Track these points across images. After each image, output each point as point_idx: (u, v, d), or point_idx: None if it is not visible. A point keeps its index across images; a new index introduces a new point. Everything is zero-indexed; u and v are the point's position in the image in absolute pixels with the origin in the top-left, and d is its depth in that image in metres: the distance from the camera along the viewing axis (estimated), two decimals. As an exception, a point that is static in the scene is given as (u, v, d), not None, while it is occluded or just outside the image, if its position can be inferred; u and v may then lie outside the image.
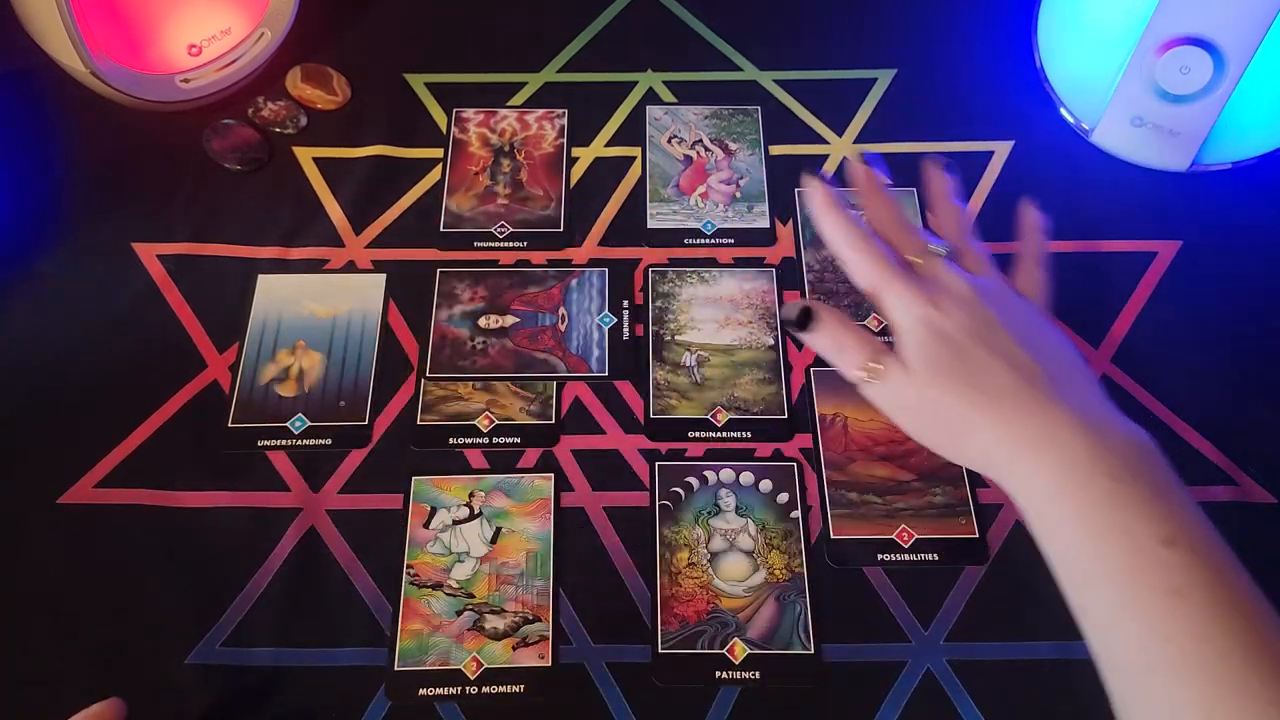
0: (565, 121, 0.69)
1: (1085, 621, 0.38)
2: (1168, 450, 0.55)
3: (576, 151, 0.68)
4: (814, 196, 0.46)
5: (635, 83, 0.71)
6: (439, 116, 0.70)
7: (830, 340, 0.45)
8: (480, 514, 0.54)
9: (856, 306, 0.61)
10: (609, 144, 0.68)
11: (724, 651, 0.50)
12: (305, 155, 0.67)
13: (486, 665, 0.50)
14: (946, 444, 0.43)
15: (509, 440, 0.56)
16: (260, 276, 0.62)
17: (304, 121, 0.68)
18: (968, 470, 0.55)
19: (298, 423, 0.57)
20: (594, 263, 0.63)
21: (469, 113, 0.70)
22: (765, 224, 0.65)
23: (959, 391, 0.41)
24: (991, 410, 0.41)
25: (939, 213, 0.50)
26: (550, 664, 0.50)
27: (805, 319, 0.45)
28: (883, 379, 0.43)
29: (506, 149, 0.68)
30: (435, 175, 0.67)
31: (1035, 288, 0.48)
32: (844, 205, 0.46)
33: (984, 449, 0.41)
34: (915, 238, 0.47)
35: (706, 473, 0.55)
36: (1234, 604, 0.35)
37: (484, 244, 0.64)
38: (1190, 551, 0.36)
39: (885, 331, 0.60)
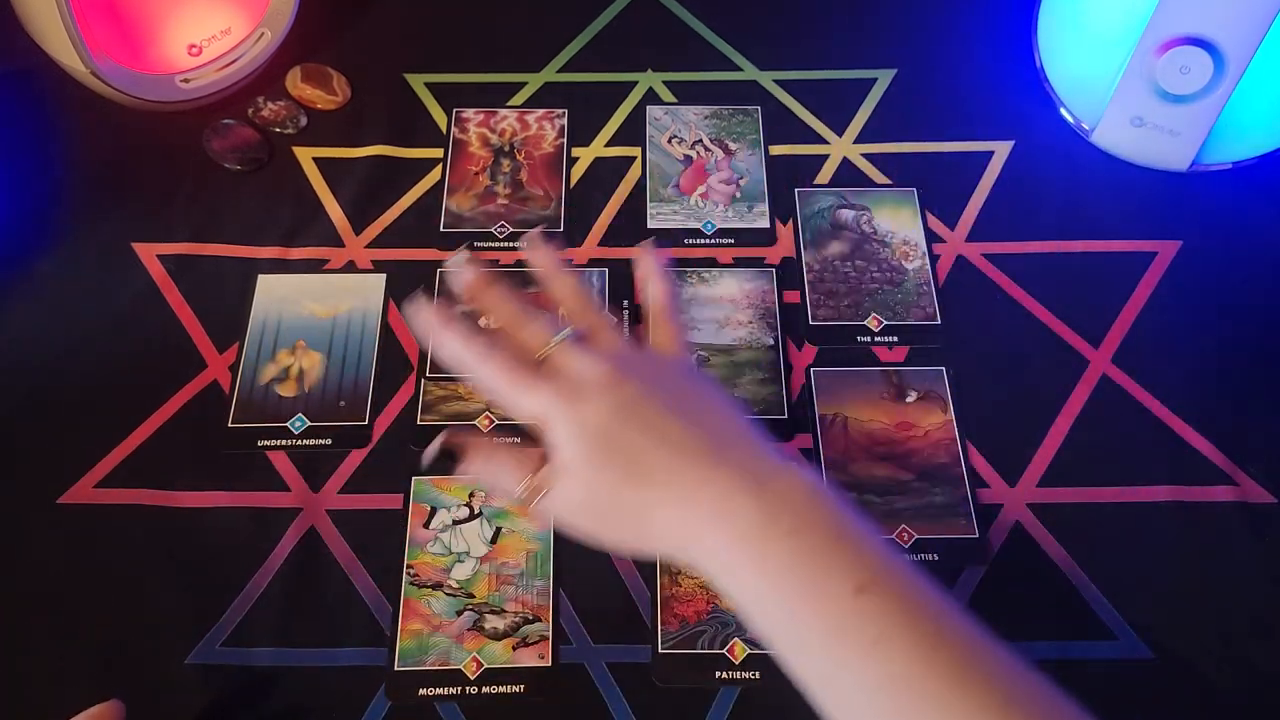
0: (565, 121, 0.69)
1: (807, 683, 0.36)
2: (1168, 450, 0.56)
3: (576, 151, 0.68)
4: (425, 316, 0.44)
5: (635, 83, 0.71)
6: (439, 116, 0.70)
7: (482, 468, 0.42)
8: (480, 514, 0.54)
9: (856, 306, 0.61)
10: (609, 144, 0.68)
11: (724, 651, 0.50)
12: (305, 155, 0.67)
13: (486, 665, 0.50)
14: (633, 538, 0.40)
15: (509, 440, 0.56)
16: (260, 276, 0.62)
17: (304, 121, 0.68)
18: (968, 470, 0.55)
19: (298, 423, 0.57)
20: (594, 263, 0.63)
21: (469, 113, 0.70)
22: (765, 224, 0.65)
23: (622, 480, 0.39)
24: (659, 491, 0.38)
25: (553, 291, 0.46)
26: (550, 664, 0.50)
27: (448, 457, 0.42)
28: (548, 489, 0.40)
29: (506, 149, 0.68)
30: (435, 175, 0.67)
31: (670, 340, 0.45)
32: (455, 321, 0.43)
33: (664, 533, 0.39)
34: (538, 332, 0.43)
35: (706, 473, 0.55)
36: (936, 640, 0.35)
37: (484, 244, 0.64)
38: (883, 595, 0.35)
39: (886, 331, 0.60)
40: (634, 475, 0.39)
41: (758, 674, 0.49)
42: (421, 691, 0.49)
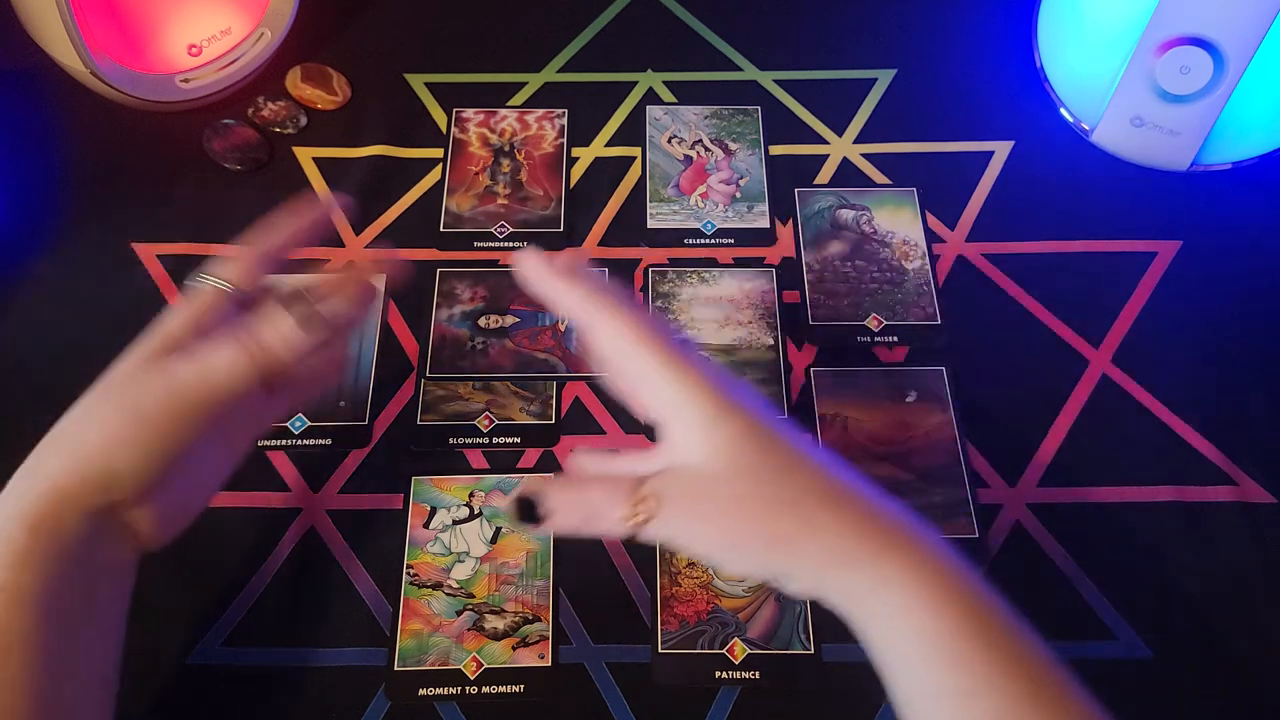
0: (565, 121, 0.69)
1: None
2: (1168, 450, 0.56)
3: (576, 151, 0.68)
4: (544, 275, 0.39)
5: (635, 83, 0.71)
6: (439, 116, 0.70)
7: (573, 507, 0.38)
8: (480, 514, 0.54)
9: (856, 306, 0.61)
10: (609, 144, 0.68)
11: (724, 651, 0.50)
12: (305, 155, 0.67)
13: (486, 665, 0.50)
14: (768, 548, 0.36)
15: (509, 440, 0.56)
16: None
17: (304, 121, 0.68)
18: (968, 470, 0.55)
19: (298, 423, 0.57)
20: (594, 263, 0.63)
21: (469, 113, 0.70)
22: (765, 224, 0.65)
23: (784, 486, 0.35)
24: (830, 512, 0.35)
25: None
26: (550, 664, 0.50)
27: (531, 508, 0.38)
28: (662, 504, 0.36)
29: (506, 149, 0.68)
30: (435, 175, 0.67)
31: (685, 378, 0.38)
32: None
33: (820, 553, 0.36)
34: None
35: (706, 473, 0.55)
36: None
37: (484, 244, 0.64)
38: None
39: (887, 331, 0.60)
40: (799, 487, 0.36)
41: (758, 674, 0.49)
42: (421, 691, 0.49)
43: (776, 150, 0.68)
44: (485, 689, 0.49)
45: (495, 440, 0.56)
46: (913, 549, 0.36)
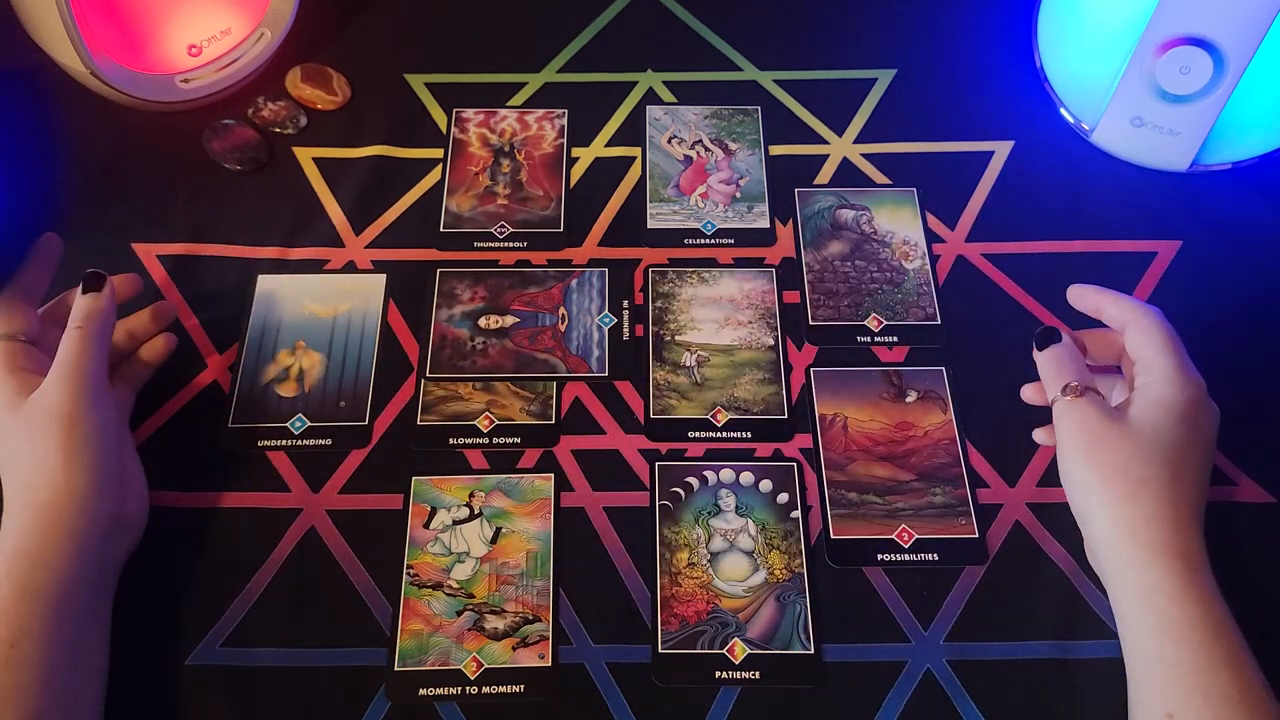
0: (565, 121, 0.69)
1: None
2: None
3: (576, 151, 0.68)
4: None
5: (635, 83, 0.71)
6: (439, 116, 0.70)
7: (1055, 357, 0.50)
8: (480, 514, 0.54)
9: (856, 306, 0.61)
10: (609, 144, 0.68)
11: (724, 651, 0.50)
12: (305, 155, 0.67)
13: (486, 665, 0.50)
14: (1129, 493, 0.45)
15: (509, 440, 0.56)
16: (260, 276, 0.62)
17: (304, 121, 0.68)
18: (968, 470, 0.55)
19: (298, 423, 0.57)
20: (594, 263, 0.63)
21: (469, 113, 0.70)
22: (765, 224, 0.65)
23: (1194, 450, 0.46)
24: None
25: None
26: (550, 664, 0.50)
27: (1045, 340, 0.51)
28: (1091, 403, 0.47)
29: (506, 149, 0.68)
30: (435, 175, 0.67)
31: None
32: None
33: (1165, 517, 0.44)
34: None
35: (706, 473, 0.55)
36: None
37: (484, 244, 0.64)
38: None
39: (887, 331, 0.60)
40: (1198, 456, 0.46)
41: (758, 674, 0.49)
42: (421, 691, 0.49)
43: (776, 150, 0.68)
44: (485, 689, 0.49)
45: (495, 440, 0.56)
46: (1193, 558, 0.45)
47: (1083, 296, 0.52)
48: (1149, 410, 0.46)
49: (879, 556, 0.53)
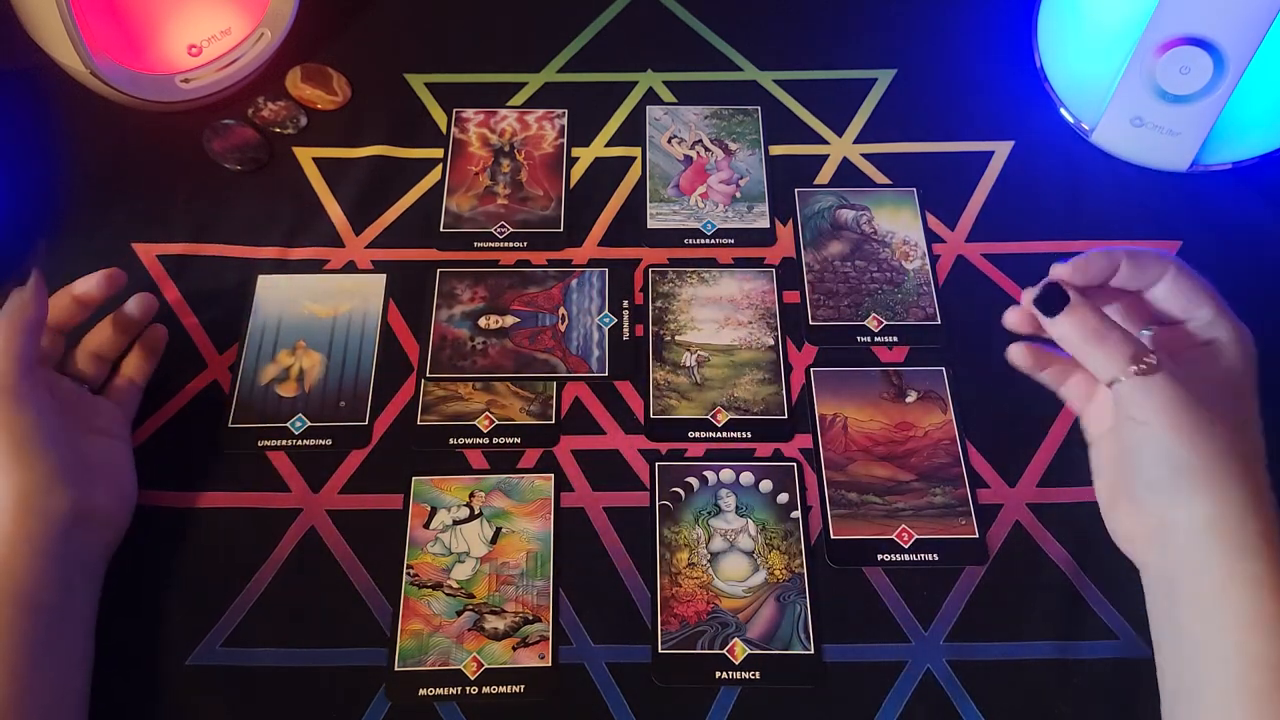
0: (565, 121, 0.69)
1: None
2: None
3: (576, 151, 0.68)
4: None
5: (635, 83, 0.71)
6: (439, 116, 0.70)
7: (1093, 325, 0.44)
8: (480, 514, 0.54)
9: (856, 306, 0.61)
10: (609, 144, 0.68)
11: (724, 651, 0.50)
12: (305, 155, 0.67)
13: (486, 665, 0.50)
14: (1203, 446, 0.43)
15: (509, 440, 0.56)
16: (260, 276, 0.62)
17: (304, 121, 0.68)
18: (968, 470, 0.55)
19: (298, 423, 0.57)
20: (594, 263, 0.63)
21: (469, 113, 0.70)
22: (765, 224, 0.65)
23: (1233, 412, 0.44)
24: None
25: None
26: (550, 664, 0.50)
27: (1055, 300, 0.45)
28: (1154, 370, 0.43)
29: (506, 149, 0.68)
30: (435, 175, 0.67)
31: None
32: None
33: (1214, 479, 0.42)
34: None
35: (706, 473, 0.55)
36: None
37: (484, 244, 0.64)
38: None
39: (887, 331, 0.60)
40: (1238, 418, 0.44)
41: (758, 674, 0.49)
42: (421, 692, 0.49)
43: (776, 150, 0.68)
44: (485, 689, 0.49)
45: (495, 440, 0.56)
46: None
47: (1091, 261, 0.48)
48: (1231, 362, 0.45)
49: (879, 557, 0.53)
